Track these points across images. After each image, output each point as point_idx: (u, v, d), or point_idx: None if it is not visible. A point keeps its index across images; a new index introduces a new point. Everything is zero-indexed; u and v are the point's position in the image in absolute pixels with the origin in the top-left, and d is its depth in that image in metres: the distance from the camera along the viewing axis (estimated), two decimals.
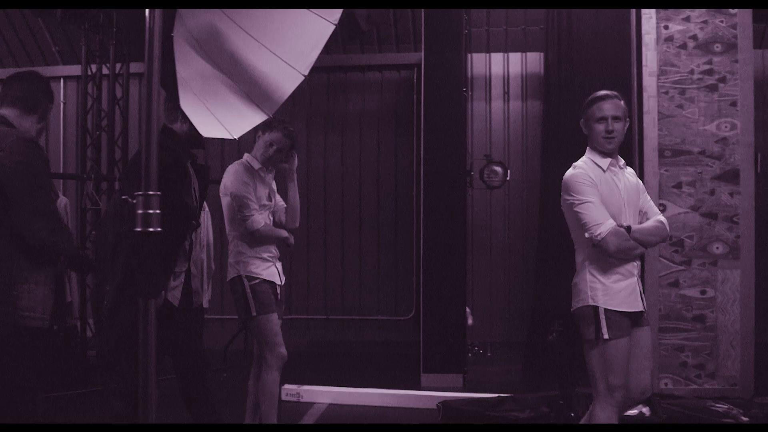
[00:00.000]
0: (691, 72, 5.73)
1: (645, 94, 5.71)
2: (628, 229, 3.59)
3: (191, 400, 3.99)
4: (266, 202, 4.60)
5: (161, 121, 3.84)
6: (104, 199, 7.65)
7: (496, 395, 5.56)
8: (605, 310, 3.58)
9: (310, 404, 5.88)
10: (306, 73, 3.25)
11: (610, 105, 3.75)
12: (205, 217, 6.32)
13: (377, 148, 8.62)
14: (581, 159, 3.84)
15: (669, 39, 5.76)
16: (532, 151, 8.44)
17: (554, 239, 7.74)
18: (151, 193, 2.28)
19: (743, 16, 5.73)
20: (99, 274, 3.96)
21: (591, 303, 3.62)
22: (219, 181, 4.61)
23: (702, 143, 5.67)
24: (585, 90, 7.41)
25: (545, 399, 5.38)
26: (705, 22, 5.75)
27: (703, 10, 5.74)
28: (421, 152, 6.64)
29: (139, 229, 2.27)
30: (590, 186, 3.65)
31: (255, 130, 4.47)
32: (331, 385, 6.05)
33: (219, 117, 3.24)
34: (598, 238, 3.56)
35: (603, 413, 3.60)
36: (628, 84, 5.95)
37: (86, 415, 5.46)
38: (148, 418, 2.29)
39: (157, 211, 2.29)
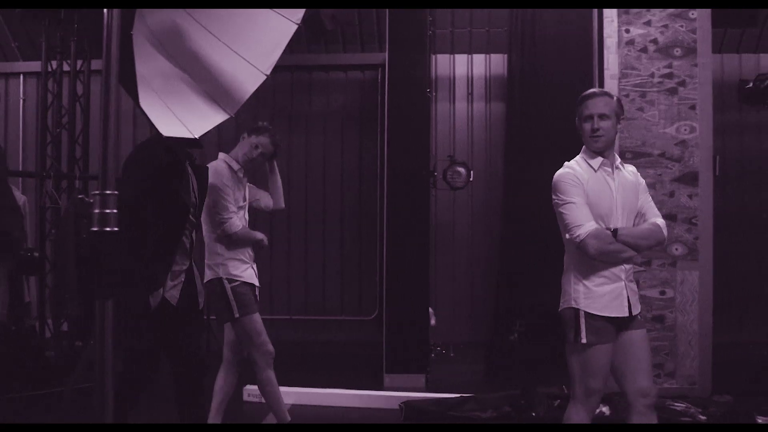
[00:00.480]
0: (652, 75, 5.80)
1: None
2: (615, 231, 3.51)
3: (184, 405, 3.91)
4: (242, 203, 4.61)
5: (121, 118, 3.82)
6: (64, 198, 7.56)
7: (459, 395, 5.57)
8: (586, 313, 3.52)
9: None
10: (268, 72, 3.24)
11: (597, 103, 3.68)
12: None
13: (341, 148, 8.61)
14: (575, 158, 3.78)
15: (630, 42, 5.82)
16: (495, 152, 8.49)
17: (517, 239, 7.81)
18: (108, 192, 2.25)
19: (702, 21, 5.81)
20: (59, 273, 3.93)
21: (573, 305, 3.56)
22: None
23: (662, 146, 5.74)
24: (548, 92, 7.53)
25: (507, 399, 5.41)
26: (665, 26, 5.82)
27: (664, 14, 5.81)
28: (385, 153, 6.64)
29: (96, 229, 2.23)
30: (574, 186, 3.59)
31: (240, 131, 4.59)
32: (294, 386, 6.02)
33: (180, 116, 3.21)
34: (577, 240, 3.50)
35: (576, 416, 3.59)
36: (590, 86, 5.98)
37: (45, 416, 5.38)
38: (105, 418, 2.26)
39: (114, 211, 2.26)
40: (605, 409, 5.23)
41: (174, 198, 3.74)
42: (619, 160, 3.71)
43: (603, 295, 3.53)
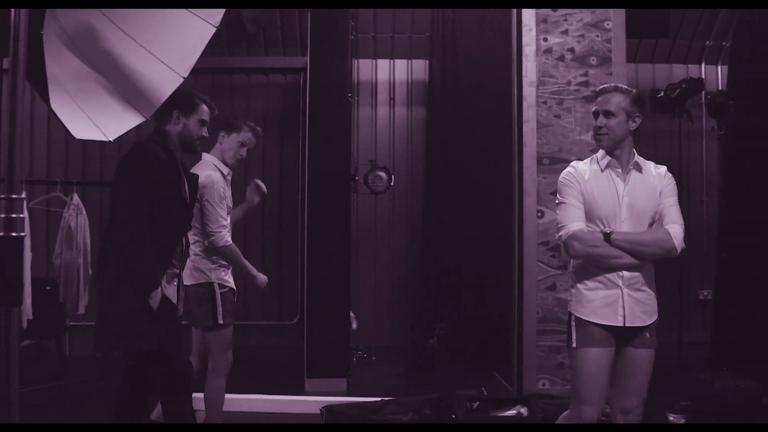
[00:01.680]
0: (569, 83, 5.92)
1: (525, 104, 5.86)
2: (608, 235, 3.38)
3: (172, 415, 3.82)
4: (230, 205, 4.61)
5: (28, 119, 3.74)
6: None
7: (379, 399, 5.58)
8: (576, 317, 3.47)
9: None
10: (185, 75, 3.20)
11: (604, 99, 3.53)
12: (82, 219, 6.13)
13: (262, 152, 8.53)
14: (594, 155, 3.62)
15: (548, 51, 5.94)
16: (416, 157, 8.54)
17: (438, 244, 7.88)
18: (14, 196, 2.19)
19: (617, 31, 5.96)
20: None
21: (569, 309, 3.55)
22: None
23: (578, 152, 5.86)
24: (468, 97, 7.63)
25: (427, 401, 5.44)
26: (582, 35, 5.95)
27: (581, 24, 5.94)
28: (306, 157, 6.63)
29: (1, 234, 2.17)
30: (569, 186, 3.50)
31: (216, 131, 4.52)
32: (238, 393, 5.94)
33: (93, 118, 3.15)
34: (560, 241, 3.47)
35: (562, 421, 3.58)
36: (509, 93, 6.10)
37: None
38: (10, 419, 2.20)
39: (22, 216, 2.19)
40: (523, 410, 5.31)
41: (175, 197, 3.71)
42: (636, 160, 3.52)
43: (593, 300, 3.44)
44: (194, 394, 5.55)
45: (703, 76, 8.42)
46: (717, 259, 6.81)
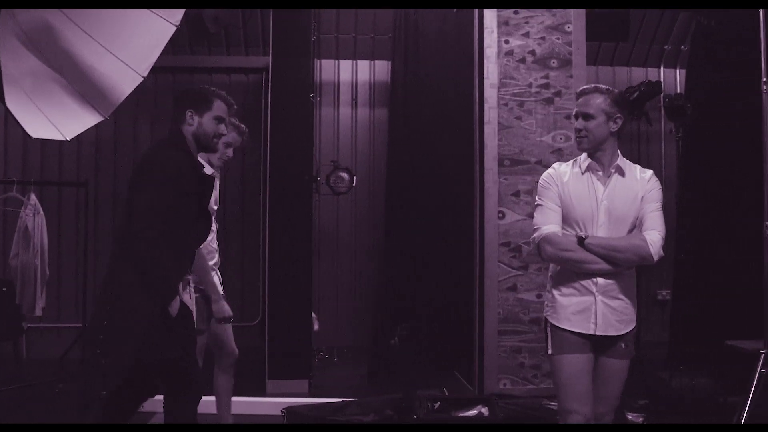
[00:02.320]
0: (530, 85, 5.97)
1: (486, 106, 5.90)
2: (581, 239, 3.29)
3: (173, 416, 3.72)
4: (214, 207, 4.44)
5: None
6: None
7: (341, 400, 5.58)
8: (551, 323, 3.39)
9: (151, 414, 5.69)
10: (145, 74, 3.18)
11: (582, 101, 3.40)
12: (39, 220, 6.05)
13: None
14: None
15: (509, 53, 5.98)
16: (378, 158, 8.54)
17: (399, 244, 7.88)
18: None
19: (578, 34, 6.03)
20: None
21: (544, 314, 3.47)
22: None
23: (539, 153, 5.92)
24: (430, 98, 7.65)
25: (389, 402, 5.44)
26: (543, 38, 6.00)
27: (542, 27, 5.99)
28: (268, 157, 6.60)
29: None
30: (546, 188, 3.42)
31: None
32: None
33: (50, 117, 3.10)
34: (533, 243, 3.42)
35: None
36: (470, 95, 6.13)
37: None
38: None
39: None
40: (484, 410, 5.34)
41: (193, 205, 3.58)
42: (618, 162, 3.41)
43: (567, 306, 3.34)
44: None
45: (661, 79, 8.54)
46: (675, 260, 6.91)
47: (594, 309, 3.31)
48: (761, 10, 4.87)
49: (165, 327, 3.43)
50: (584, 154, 3.44)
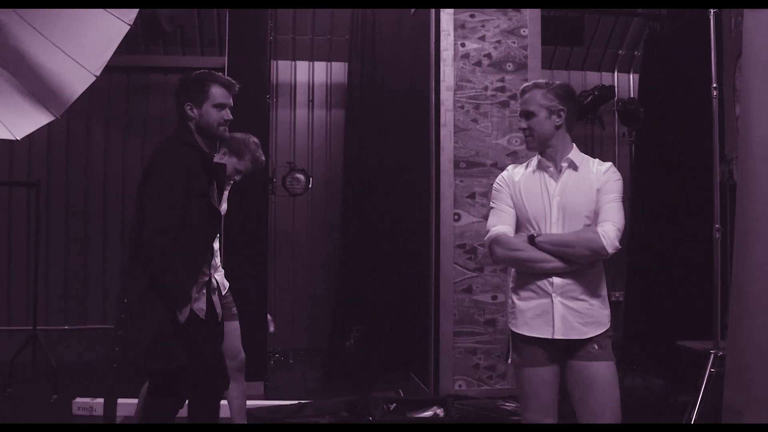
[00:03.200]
0: (486, 88, 6.01)
1: (442, 108, 5.92)
2: (532, 238, 3.14)
3: (195, 417, 3.70)
4: (225, 206, 4.37)
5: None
6: None
7: (297, 402, 5.56)
8: (512, 332, 3.24)
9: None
10: (98, 73, 3.14)
11: (523, 100, 3.27)
12: None
13: None
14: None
15: (465, 56, 6.01)
16: (335, 159, 8.53)
17: (355, 246, 7.89)
18: None
19: (533, 38, 6.08)
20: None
21: (508, 322, 3.31)
22: None
23: (494, 156, 5.96)
24: (387, 100, 7.67)
25: (344, 404, 5.45)
26: (499, 42, 6.05)
27: (498, 30, 6.03)
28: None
29: None
30: (498, 191, 3.31)
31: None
32: (129, 398, 5.82)
33: (0, 116, 3.05)
34: (485, 247, 3.31)
35: None
36: (426, 97, 6.15)
37: None
38: None
39: None
40: (440, 411, 5.36)
41: (206, 202, 3.49)
42: (569, 156, 3.24)
43: (525, 310, 3.17)
44: (79, 400, 5.53)
45: (615, 84, 8.66)
46: (627, 262, 7.01)
47: (553, 311, 3.11)
48: (711, 17, 4.96)
49: (174, 335, 3.35)
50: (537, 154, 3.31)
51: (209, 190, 3.54)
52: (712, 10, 4.96)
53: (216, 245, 3.73)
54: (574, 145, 3.30)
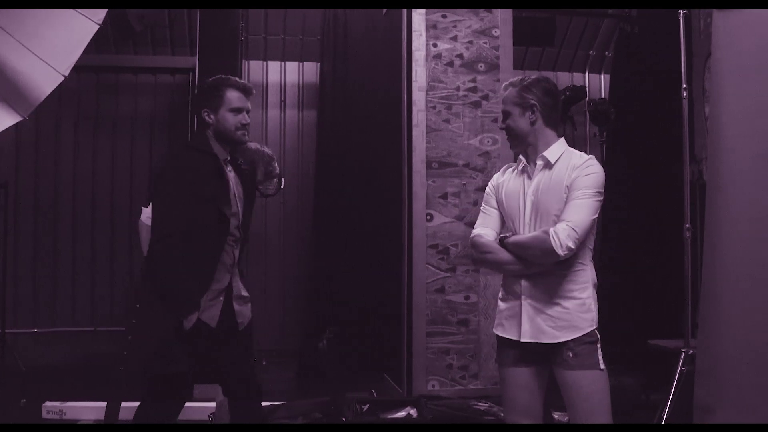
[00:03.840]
0: (458, 89, 6.01)
1: (414, 108, 5.92)
2: (502, 239, 3.10)
3: (238, 417, 3.77)
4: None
5: None
6: None
7: (269, 403, 5.53)
8: (494, 332, 3.22)
9: (75, 422, 5.58)
10: (66, 73, 3.10)
11: (501, 99, 3.19)
12: None
13: (149, 153, 8.35)
14: None
15: (437, 56, 6.01)
16: (307, 160, 8.51)
17: (328, 247, 7.87)
18: None
19: (505, 39, 6.10)
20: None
21: None
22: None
23: (466, 156, 5.96)
24: (358, 101, 7.66)
25: (317, 405, 5.42)
26: (470, 42, 6.05)
27: (470, 31, 6.04)
28: None
29: None
30: (486, 193, 3.29)
31: None
32: (99, 401, 5.77)
33: None
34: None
35: None
36: (398, 97, 6.15)
37: None
38: None
39: None
40: (413, 412, 5.35)
41: (210, 208, 3.44)
42: (545, 153, 3.11)
43: (502, 311, 3.15)
44: (49, 403, 5.48)
45: (586, 84, 8.72)
46: (599, 261, 7.04)
47: (522, 313, 3.04)
48: (681, 18, 5.00)
49: (178, 340, 3.34)
50: None
51: (220, 195, 3.50)
52: (681, 12, 5.01)
53: (236, 252, 3.66)
54: (561, 140, 3.19)
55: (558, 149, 3.13)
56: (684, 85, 4.97)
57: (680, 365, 4.72)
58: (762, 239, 3.75)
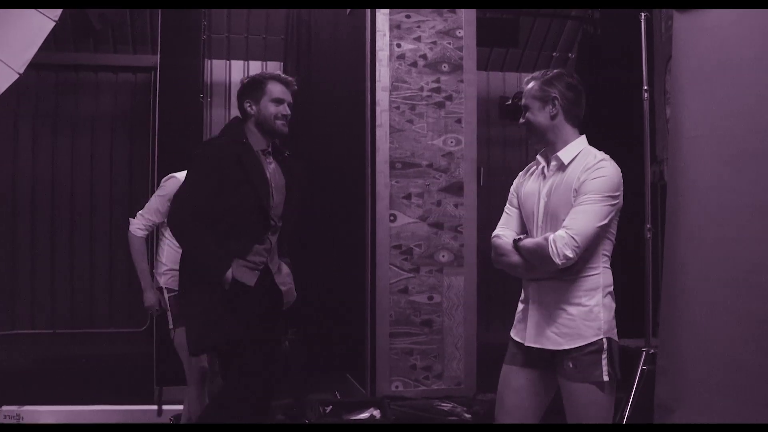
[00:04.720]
0: (421, 89, 6.01)
1: (378, 108, 5.91)
2: (516, 242, 2.99)
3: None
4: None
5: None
6: None
7: None
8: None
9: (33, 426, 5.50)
10: (21, 71, 3.05)
11: (524, 93, 3.08)
12: None
13: (110, 153, 8.25)
14: None
15: (401, 57, 6.01)
16: None
17: (290, 247, 7.81)
18: None
19: (469, 39, 6.10)
20: None
21: None
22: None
23: (430, 157, 5.97)
24: (322, 101, 7.62)
25: (280, 407, 5.39)
26: (434, 43, 6.05)
27: (433, 31, 6.04)
28: (156, 158, 6.43)
29: None
30: (511, 194, 3.20)
31: None
32: (58, 404, 5.69)
33: None
34: None
35: None
36: (362, 96, 6.13)
37: None
38: None
39: None
40: (376, 413, 5.34)
41: (248, 190, 3.56)
42: (560, 153, 3.00)
43: (517, 312, 3.10)
44: (5, 407, 5.40)
45: None
46: None
47: (528, 317, 3.00)
48: (642, 20, 5.04)
49: (222, 308, 3.45)
50: None
51: (252, 179, 3.59)
52: (643, 14, 5.05)
53: (272, 238, 3.71)
54: (580, 138, 3.07)
55: (574, 149, 3.00)
56: (645, 87, 5.02)
57: (641, 364, 4.75)
58: (723, 239, 3.79)
